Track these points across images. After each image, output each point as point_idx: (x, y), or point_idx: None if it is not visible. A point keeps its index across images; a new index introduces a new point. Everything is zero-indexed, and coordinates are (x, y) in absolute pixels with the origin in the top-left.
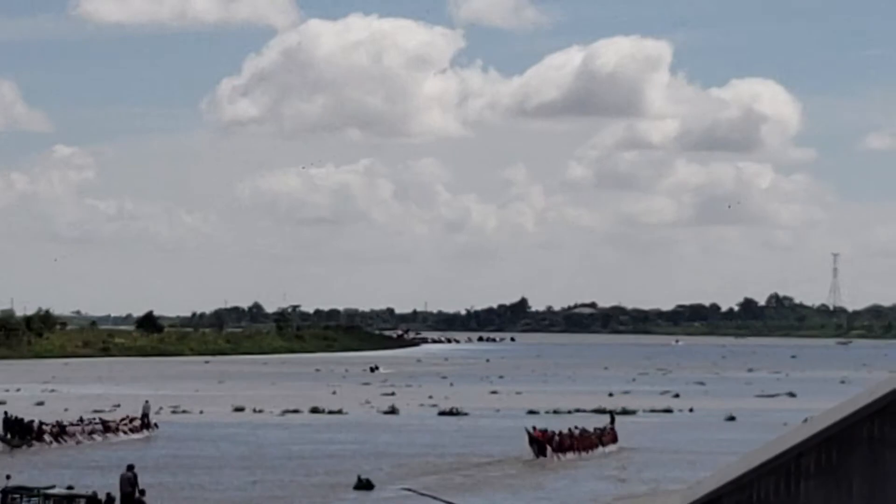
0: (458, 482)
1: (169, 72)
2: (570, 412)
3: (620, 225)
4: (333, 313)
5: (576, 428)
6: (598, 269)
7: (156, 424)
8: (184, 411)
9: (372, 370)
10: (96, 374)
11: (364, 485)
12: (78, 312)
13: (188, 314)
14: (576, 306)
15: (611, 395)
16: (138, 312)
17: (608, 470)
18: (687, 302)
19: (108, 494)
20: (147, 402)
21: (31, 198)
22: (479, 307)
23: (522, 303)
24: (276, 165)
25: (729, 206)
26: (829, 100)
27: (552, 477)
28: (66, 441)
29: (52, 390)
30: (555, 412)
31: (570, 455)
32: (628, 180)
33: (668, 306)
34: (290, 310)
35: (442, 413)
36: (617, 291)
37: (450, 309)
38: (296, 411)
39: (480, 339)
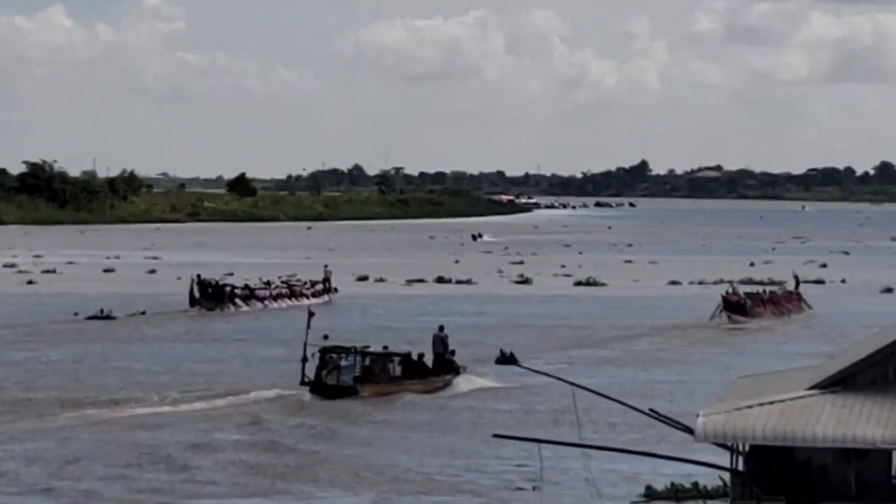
0: (607, 356)
1: None
2: (715, 283)
3: (749, 82)
4: (439, 176)
5: (765, 292)
6: (725, 129)
7: (335, 289)
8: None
9: (474, 238)
10: (194, 241)
11: (507, 359)
12: (165, 174)
13: (283, 176)
14: (699, 169)
15: (752, 264)
16: (230, 174)
17: (773, 343)
18: (819, 165)
19: (420, 354)
20: (327, 266)
21: (116, 50)
22: (595, 170)
23: (642, 166)
24: (380, 17)
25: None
26: None
27: (712, 348)
28: (255, 305)
29: (156, 258)
30: (699, 283)
31: (769, 318)
32: (758, 34)
33: (798, 170)
34: (392, 172)
35: (578, 283)
36: (744, 154)
37: (564, 172)
38: (420, 281)
39: (598, 204)
